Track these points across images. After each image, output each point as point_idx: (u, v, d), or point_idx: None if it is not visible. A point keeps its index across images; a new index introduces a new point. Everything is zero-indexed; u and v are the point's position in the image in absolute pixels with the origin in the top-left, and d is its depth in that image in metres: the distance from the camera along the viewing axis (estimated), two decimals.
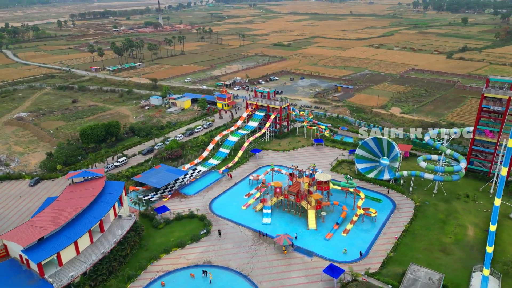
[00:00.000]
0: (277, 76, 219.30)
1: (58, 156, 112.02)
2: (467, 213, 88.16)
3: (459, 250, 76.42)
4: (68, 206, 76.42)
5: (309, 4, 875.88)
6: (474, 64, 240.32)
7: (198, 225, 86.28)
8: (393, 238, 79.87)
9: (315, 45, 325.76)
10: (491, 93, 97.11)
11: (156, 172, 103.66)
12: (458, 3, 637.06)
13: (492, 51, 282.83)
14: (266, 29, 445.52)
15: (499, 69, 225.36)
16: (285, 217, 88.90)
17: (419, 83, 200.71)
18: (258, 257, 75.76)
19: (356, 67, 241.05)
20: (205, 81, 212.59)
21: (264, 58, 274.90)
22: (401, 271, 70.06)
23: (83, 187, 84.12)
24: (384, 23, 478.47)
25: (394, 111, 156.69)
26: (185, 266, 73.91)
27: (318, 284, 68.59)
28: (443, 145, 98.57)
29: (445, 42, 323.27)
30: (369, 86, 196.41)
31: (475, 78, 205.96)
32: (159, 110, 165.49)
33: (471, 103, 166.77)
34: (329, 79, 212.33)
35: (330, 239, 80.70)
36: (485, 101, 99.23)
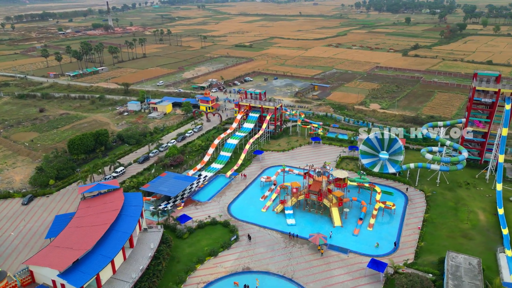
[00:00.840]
0: (250, 77, 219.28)
1: (49, 170, 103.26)
2: (472, 199, 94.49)
3: (478, 234, 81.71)
4: (92, 223, 70.92)
5: (256, 5, 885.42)
6: (428, 60, 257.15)
7: (223, 231, 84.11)
8: (417, 229, 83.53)
9: (276, 46, 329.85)
10: (482, 86, 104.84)
11: (164, 180, 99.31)
12: (397, 4, 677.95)
13: (440, 48, 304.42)
14: (221, 30, 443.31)
15: (452, 65, 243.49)
16: (307, 217, 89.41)
17: (386, 79, 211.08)
18: (296, 259, 75.54)
19: (323, 66, 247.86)
20: (178, 84, 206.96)
21: (231, 59, 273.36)
22: (436, 260, 73.51)
23: (101, 201, 78.48)
24: (333, 23, 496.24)
25: (374, 107, 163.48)
26: (224, 274, 71.75)
27: (363, 279, 69.93)
28: (441, 138, 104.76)
29: (396, 41, 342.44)
30: (342, 84, 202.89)
31: (435, 74, 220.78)
32: (140, 116, 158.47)
33: (439, 97, 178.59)
34: (302, 79, 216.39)
35: (358, 234, 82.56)
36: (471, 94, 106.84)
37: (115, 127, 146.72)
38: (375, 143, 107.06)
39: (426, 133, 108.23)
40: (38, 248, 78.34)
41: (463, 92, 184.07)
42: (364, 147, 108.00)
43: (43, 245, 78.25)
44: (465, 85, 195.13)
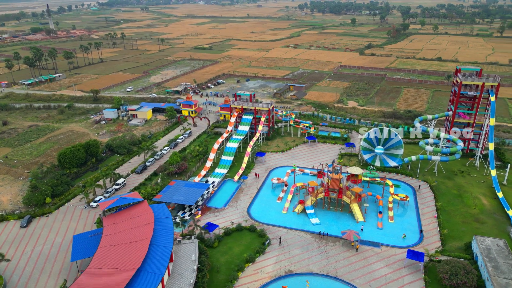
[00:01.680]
0: (222, 79, 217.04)
1: (44, 188, 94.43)
2: (471, 186, 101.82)
3: (487, 218, 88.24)
4: (128, 239, 66.30)
5: (200, 7, 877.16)
6: (385, 59, 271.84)
7: (251, 236, 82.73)
8: (433, 217, 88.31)
9: (235, 48, 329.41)
10: (467, 80, 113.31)
11: (176, 189, 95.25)
12: (339, 6, 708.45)
13: (391, 47, 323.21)
14: (174, 32, 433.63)
15: (407, 62, 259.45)
16: (329, 214, 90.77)
17: (353, 78, 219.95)
18: (333, 257, 76.44)
19: (289, 66, 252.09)
20: (149, 89, 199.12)
21: (195, 62, 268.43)
22: (461, 245, 78.39)
23: (127, 216, 73.54)
24: (283, 25, 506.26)
25: (352, 105, 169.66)
26: (269, 280, 70.68)
27: (403, 270, 72.49)
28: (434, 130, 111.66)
29: (348, 41, 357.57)
30: (313, 84, 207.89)
31: (395, 71, 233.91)
32: (120, 124, 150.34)
33: (407, 93, 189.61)
34: (274, 80, 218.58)
35: (383, 228, 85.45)
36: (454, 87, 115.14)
37: (97, 137, 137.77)
38: (373, 139, 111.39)
39: (420, 126, 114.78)
40: (60, 273, 71.80)
41: (426, 87, 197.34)
42: (364, 143, 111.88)
43: (69, 268, 71.88)
44: (426, 80, 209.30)
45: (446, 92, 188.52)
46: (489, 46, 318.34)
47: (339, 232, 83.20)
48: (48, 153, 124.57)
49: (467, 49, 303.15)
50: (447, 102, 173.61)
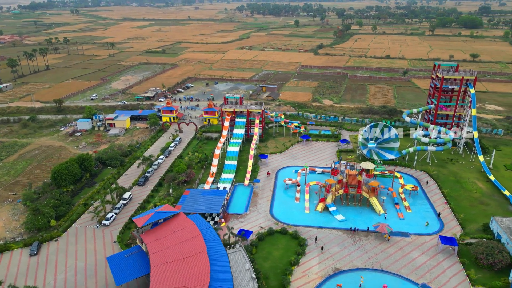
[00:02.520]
0: (190, 83, 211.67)
1: (46, 210, 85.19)
2: (463, 172, 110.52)
3: (489, 200, 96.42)
4: (182, 254, 62.49)
5: (134, 10, 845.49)
6: (339, 58, 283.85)
7: (285, 239, 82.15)
8: (444, 204, 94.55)
9: (189, 51, 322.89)
10: (449, 75, 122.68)
11: (193, 198, 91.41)
12: (278, 8, 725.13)
13: (340, 46, 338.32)
14: (117, 36, 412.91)
15: (360, 60, 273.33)
16: (349, 210, 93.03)
17: (317, 77, 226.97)
18: (372, 250, 78.62)
19: (252, 68, 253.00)
20: (115, 96, 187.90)
21: (154, 66, 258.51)
22: (480, 226, 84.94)
23: (168, 230, 69.15)
24: (229, 27, 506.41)
25: (328, 103, 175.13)
26: (321, 280, 70.87)
27: (439, 256, 76.68)
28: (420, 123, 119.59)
29: (298, 42, 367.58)
30: (282, 84, 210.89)
31: (353, 69, 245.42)
32: (98, 135, 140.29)
33: (372, 89, 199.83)
34: (242, 81, 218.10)
35: (404, 218, 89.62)
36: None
37: (77, 150, 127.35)
38: (367, 134, 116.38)
39: (411, 120, 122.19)
40: None
41: (387, 83, 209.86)
42: (362, 139, 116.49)
43: None
44: (385, 77, 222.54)
45: (405, 88, 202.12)
46: (426, 43, 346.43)
47: (365, 226, 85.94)
48: (28, 171, 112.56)
49: (408, 47, 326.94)
50: (410, 96, 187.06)
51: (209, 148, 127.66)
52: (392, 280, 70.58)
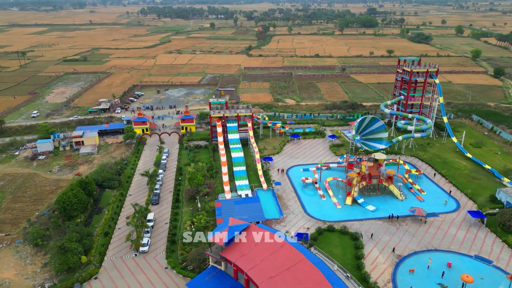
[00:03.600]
0: (139, 91, 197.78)
1: (74, 246, 72.96)
2: (444, 153, 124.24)
3: (478, 174, 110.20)
4: (282, 266, 59.82)
5: (18, 14, 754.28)
6: (273, 58, 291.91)
7: (336, 235, 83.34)
8: (447, 183, 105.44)
9: (113, 57, 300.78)
10: (416, 69, 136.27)
11: (229, 209, 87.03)
12: (185, 11, 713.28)
13: (267, 47, 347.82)
14: (15, 44, 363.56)
15: (294, 60, 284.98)
16: (374, 199, 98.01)
17: (265, 78, 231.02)
18: (418, 233, 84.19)
19: (194, 72, 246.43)
20: (59, 111, 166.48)
21: (84, 76, 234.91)
22: (487, 198, 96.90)
23: (250, 242, 65.16)
24: (141, 31, 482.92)
25: (291, 102, 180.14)
26: (391, 268, 73.99)
27: (472, 229, 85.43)
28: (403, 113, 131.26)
29: (223, 44, 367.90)
30: (236, 87, 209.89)
31: (294, 69, 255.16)
32: (67, 156, 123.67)
33: (322, 86, 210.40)
34: (193, 86, 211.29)
35: (423, 200, 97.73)
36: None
37: (53, 175, 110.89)
38: (355, 128, 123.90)
39: (391, 111, 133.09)
40: None
41: (332, 80, 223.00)
42: (354, 133, 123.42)
43: None
44: (327, 74, 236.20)
45: (350, 83, 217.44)
46: (341, 42, 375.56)
47: (393, 212, 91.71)
48: (7, 206, 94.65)
49: (329, 46, 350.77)
50: (358, 90, 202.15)
51: (204, 157, 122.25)
52: (450, 257, 76.95)
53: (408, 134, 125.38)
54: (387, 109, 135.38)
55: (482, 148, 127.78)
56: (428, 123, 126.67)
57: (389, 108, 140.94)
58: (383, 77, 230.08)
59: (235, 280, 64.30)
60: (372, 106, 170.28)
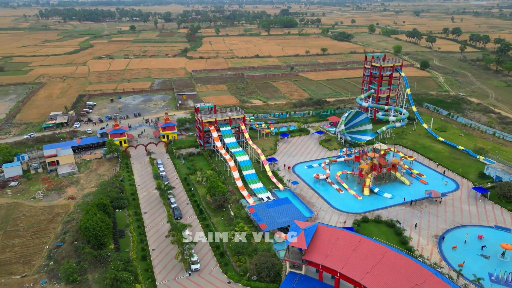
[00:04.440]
0: (92, 101, 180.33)
1: (125, 276, 64.80)
2: (419, 138, 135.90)
3: (457, 155, 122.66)
4: (374, 259, 60.88)
5: None
6: (217, 60, 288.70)
7: (373, 225, 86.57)
8: (437, 166, 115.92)
9: (34, 65, 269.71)
10: (386, 64, 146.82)
11: (265, 214, 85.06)
12: (95, 13, 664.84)
13: (203, 50, 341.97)
14: None
15: (237, 61, 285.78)
16: (385, 187, 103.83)
17: (218, 80, 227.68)
18: (439, 214, 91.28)
19: (141, 78, 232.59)
20: (5, 130, 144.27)
21: (11, 88, 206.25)
22: (476, 174, 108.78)
23: (328, 242, 64.61)
24: (51, 36, 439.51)
25: (258, 103, 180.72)
26: (436, 247, 79.57)
27: (480, 203, 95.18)
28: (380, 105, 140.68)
29: (154, 47, 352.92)
30: (193, 91, 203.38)
31: (242, 69, 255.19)
32: (44, 178, 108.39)
33: (278, 85, 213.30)
34: (147, 92, 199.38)
35: (427, 183, 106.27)
36: None
37: (41, 202, 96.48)
38: (347, 122, 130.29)
39: (368, 104, 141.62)
40: None
41: (284, 79, 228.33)
42: (343, 127, 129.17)
43: None
44: (278, 74, 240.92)
45: (302, 81, 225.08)
46: (273, 42, 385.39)
47: (407, 197, 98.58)
48: (5, 244, 80.00)
49: (262, 46, 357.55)
50: (313, 87, 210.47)
51: (202, 164, 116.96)
52: (476, 230, 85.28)
53: (390, 124, 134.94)
54: (365, 103, 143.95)
55: (446, 132, 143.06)
56: (404, 113, 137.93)
57: (365, 101, 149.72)
58: (329, 74, 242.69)
59: (322, 282, 63.47)
60: (336, 101, 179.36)
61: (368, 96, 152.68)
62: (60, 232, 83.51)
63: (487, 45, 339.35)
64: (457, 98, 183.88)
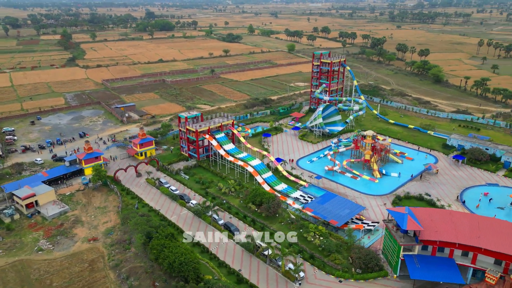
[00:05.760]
0: (8, 126, 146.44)
1: None
2: (376, 123, 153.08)
3: (411, 133, 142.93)
4: (492, 227, 69.39)
5: None
6: (117, 68, 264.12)
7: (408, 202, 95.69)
8: (406, 143, 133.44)
9: None
10: (335, 60, 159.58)
11: (325, 211, 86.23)
12: None
13: (91, 57, 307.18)
14: None
15: (143, 67, 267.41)
16: (385, 167, 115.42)
17: (142, 88, 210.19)
18: (443, 182, 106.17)
19: (44, 94, 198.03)
20: None
21: None
22: (441, 145, 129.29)
23: (429, 220, 70.71)
24: None
25: (207, 108, 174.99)
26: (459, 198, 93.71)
27: (462, 168, 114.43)
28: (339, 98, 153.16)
29: (28, 58, 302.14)
30: (122, 102, 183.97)
31: (157, 75, 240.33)
32: (30, 225, 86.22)
33: (212, 88, 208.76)
34: (68, 110, 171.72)
35: (412, 159, 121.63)
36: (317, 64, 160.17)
37: (54, 253, 77.23)
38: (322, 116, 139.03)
39: (330, 98, 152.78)
40: None
41: (212, 82, 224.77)
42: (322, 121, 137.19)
43: None
44: (197, 78, 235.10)
45: (230, 82, 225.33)
46: (164, 46, 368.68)
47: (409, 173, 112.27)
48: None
49: (158, 50, 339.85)
50: (244, 87, 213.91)
51: (207, 176, 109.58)
52: (479, 189, 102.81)
53: (355, 113, 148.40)
54: (326, 97, 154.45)
55: (388, 115, 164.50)
56: (361, 102, 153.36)
57: (325, 95, 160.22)
58: (249, 74, 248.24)
59: (439, 257, 69.04)
60: (280, 99, 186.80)
61: (322, 90, 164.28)
62: (119, 278, 69.24)
63: (355, 40, 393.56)
64: (372, 86, 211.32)
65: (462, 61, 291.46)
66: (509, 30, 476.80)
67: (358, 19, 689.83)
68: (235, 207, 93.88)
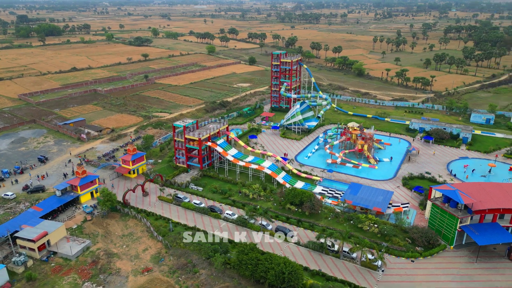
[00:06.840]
0: None
1: None
2: (339, 116, 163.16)
3: (372, 121, 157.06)
4: None
5: None
6: (26, 80, 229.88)
7: (412, 182, 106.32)
8: (376, 131, 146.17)
9: None
10: (294, 59, 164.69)
11: (361, 201, 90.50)
12: None
13: None
14: None
15: (62, 77, 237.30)
16: (374, 154, 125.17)
17: (75, 101, 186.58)
18: (429, 159, 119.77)
19: None
20: None
21: None
22: (404, 129, 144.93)
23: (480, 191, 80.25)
24: None
25: (167, 115, 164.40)
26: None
27: (433, 147, 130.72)
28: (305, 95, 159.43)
29: None
30: (58, 117, 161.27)
31: (81, 86, 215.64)
32: (54, 269, 71.68)
33: (158, 95, 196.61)
34: (1, 131, 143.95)
35: (391, 144, 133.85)
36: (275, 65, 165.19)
37: None
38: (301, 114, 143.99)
39: (298, 96, 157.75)
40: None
41: (149, 88, 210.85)
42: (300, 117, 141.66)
43: None
44: (137, 84, 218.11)
45: (172, 88, 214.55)
46: (65, 53, 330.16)
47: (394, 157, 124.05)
48: None
49: (64, 58, 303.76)
50: (191, 92, 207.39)
51: (219, 184, 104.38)
52: (458, 163, 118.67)
53: (324, 108, 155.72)
54: (294, 95, 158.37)
55: (343, 107, 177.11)
56: (325, 97, 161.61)
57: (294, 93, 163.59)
58: (185, 78, 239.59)
59: (489, 223, 78.51)
60: (236, 100, 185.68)
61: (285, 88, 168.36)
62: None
63: (265, 40, 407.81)
64: (311, 82, 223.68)
65: (365, 56, 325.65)
66: (381, 27, 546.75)
67: (250, 20, 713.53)
68: (271, 210, 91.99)
